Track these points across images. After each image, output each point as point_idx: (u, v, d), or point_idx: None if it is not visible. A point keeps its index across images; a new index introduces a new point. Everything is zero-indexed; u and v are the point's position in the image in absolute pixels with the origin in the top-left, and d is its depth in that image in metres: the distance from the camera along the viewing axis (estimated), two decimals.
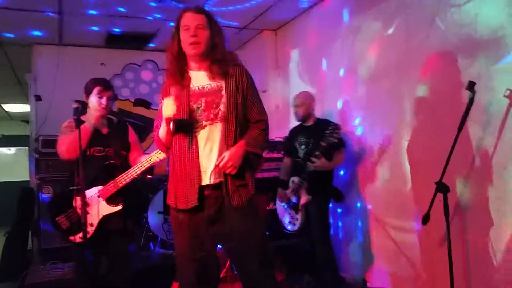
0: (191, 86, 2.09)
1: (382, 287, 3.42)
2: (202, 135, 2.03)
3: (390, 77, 3.36)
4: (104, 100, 2.75)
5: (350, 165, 3.80)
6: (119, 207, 2.68)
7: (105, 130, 2.83)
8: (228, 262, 3.21)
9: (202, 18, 2.06)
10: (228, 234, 2.04)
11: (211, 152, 2.02)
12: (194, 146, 2.02)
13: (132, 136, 2.97)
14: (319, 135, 3.26)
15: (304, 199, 3.35)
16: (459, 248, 2.67)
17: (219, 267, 2.21)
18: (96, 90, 2.74)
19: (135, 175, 2.72)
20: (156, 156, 2.72)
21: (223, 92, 2.07)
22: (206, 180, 2.01)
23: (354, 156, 3.75)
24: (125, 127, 3.00)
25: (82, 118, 2.68)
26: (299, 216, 3.41)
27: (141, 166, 2.73)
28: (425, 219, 2.39)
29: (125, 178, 2.71)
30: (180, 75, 2.09)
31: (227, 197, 2.00)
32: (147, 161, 2.73)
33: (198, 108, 2.05)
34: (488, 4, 2.57)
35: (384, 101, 3.43)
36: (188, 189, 2.00)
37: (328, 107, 4.11)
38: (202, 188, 2.01)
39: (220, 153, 2.01)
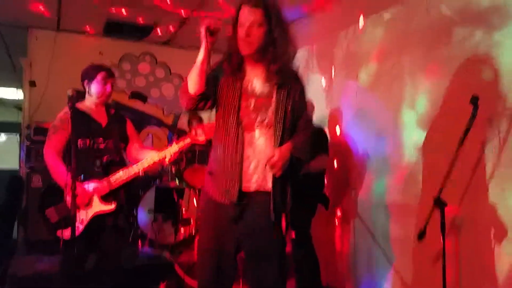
0: (245, 82, 2.01)
1: None
2: (247, 138, 1.98)
3: (390, 85, 3.31)
4: (108, 87, 2.71)
5: (342, 174, 3.76)
6: (112, 206, 2.59)
7: (104, 122, 2.76)
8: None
9: (259, 13, 1.91)
10: (250, 235, 2.01)
11: (253, 157, 1.98)
12: (239, 147, 1.96)
13: (130, 128, 2.91)
14: None
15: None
16: (453, 266, 2.64)
17: (236, 270, 2.15)
18: (100, 76, 2.69)
19: (134, 174, 2.64)
20: (163, 154, 2.66)
21: (274, 98, 1.99)
22: (248, 182, 1.98)
23: (348, 165, 3.71)
24: (123, 118, 2.92)
25: (78, 105, 2.62)
26: None
27: (141, 166, 2.66)
28: (421, 235, 2.34)
29: (122, 176, 2.62)
30: (237, 66, 2.00)
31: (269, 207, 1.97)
32: (149, 160, 2.67)
33: (247, 107, 1.99)
34: None
35: (382, 110, 3.38)
36: (228, 187, 1.96)
37: (323, 114, 4.04)
38: (241, 189, 1.97)
39: (264, 159, 1.94)
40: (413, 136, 3.07)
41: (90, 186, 2.56)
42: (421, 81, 3.03)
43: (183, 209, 3.72)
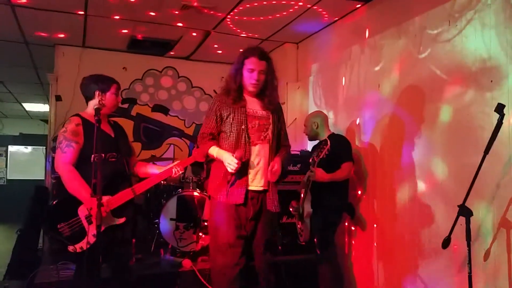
0: (248, 107, 2.70)
1: None
2: (253, 151, 2.66)
3: (412, 96, 3.29)
4: (119, 99, 2.83)
5: (365, 182, 3.74)
6: (123, 220, 2.62)
7: (112, 133, 2.78)
8: None
9: (264, 64, 2.66)
10: (257, 224, 2.72)
11: (258, 165, 2.67)
12: (247, 157, 2.62)
13: (129, 138, 2.98)
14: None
15: (305, 210, 3.33)
16: (480, 274, 2.59)
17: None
18: (114, 88, 2.76)
19: (139, 192, 2.70)
20: (174, 169, 2.77)
21: (270, 121, 2.74)
22: (252, 186, 2.67)
23: (370, 173, 3.69)
24: (123, 129, 2.93)
25: (84, 115, 2.68)
26: (303, 228, 3.38)
27: (151, 182, 2.77)
28: (446, 243, 2.31)
29: (134, 191, 2.65)
30: (238, 97, 2.67)
31: (267, 199, 2.71)
32: (159, 177, 2.81)
33: (253, 127, 2.68)
34: None
35: (405, 120, 3.36)
36: (237, 190, 2.62)
37: (346, 123, 4.06)
38: (248, 191, 2.65)
39: (265, 167, 2.67)
40: (439, 145, 3.04)
41: (104, 199, 2.48)
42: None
43: (204, 217, 3.75)
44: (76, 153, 2.57)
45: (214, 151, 2.65)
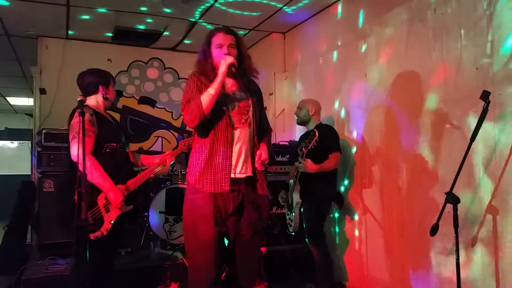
0: (225, 89, 2.39)
1: None
2: (234, 135, 2.38)
3: (399, 84, 3.31)
4: (114, 92, 2.92)
5: (353, 172, 3.76)
6: (131, 207, 2.71)
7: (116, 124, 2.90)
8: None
9: (232, 38, 2.42)
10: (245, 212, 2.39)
11: (240, 150, 2.38)
12: (229, 144, 2.34)
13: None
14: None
15: (294, 201, 3.37)
16: (467, 260, 2.63)
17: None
18: (112, 82, 2.89)
19: (147, 177, 2.86)
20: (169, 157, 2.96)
21: (250, 102, 2.46)
22: (237, 172, 2.36)
23: (358, 163, 3.71)
24: (118, 122, 3.06)
25: (93, 107, 2.72)
26: (293, 218, 3.41)
27: (153, 169, 2.91)
28: (434, 230, 2.33)
29: (140, 179, 2.78)
30: (214, 77, 2.31)
31: (255, 185, 2.42)
32: (160, 163, 2.94)
33: (232, 109, 2.39)
34: None
35: (392, 109, 3.38)
36: (219, 177, 2.32)
37: (333, 113, 4.07)
38: (231, 178, 2.34)
39: (246, 152, 2.40)
40: (427, 131, 3.06)
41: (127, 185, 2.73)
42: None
43: None
44: (93, 143, 2.63)
45: (205, 92, 2.26)
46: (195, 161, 2.40)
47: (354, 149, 3.79)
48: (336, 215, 3.97)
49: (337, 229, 3.98)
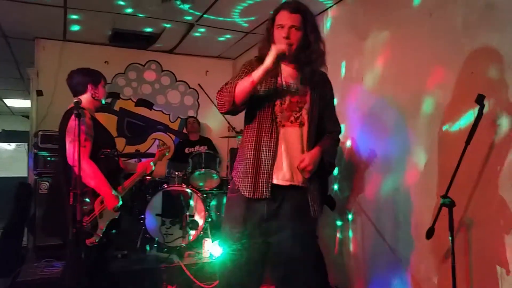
0: (279, 79, 2.07)
1: None
2: (281, 135, 2.04)
3: (394, 87, 3.31)
4: (105, 92, 2.81)
5: (348, 175, 3.76)
6: (118, 213, 2.65)
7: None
8: None
9: (298, 18, 2.03)
10: (281, 229, 2.05)
11: (287, 153, 2.04)
12: (272, 144, 2.02)
13: (113, 133, 3.00)
14: None
15: None
16: (463, 265, 2.63)
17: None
18: (103, 81, 2.78)
19: (134, 183, 2.84)
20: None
21: (308, 98, 2.09)
22: (279, 178, 2.03)
23: (353, 166, 3.71)
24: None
25: (85, 110, 2.64)
26: None
27: (140, 175, 2.92)
28: (429, 233, 2.34)
29: (129, 185, 2.78)
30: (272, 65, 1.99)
31: (305, 201, 2.07)
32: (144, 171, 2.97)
33: (281, 104, 2.05)
34: None
35: (387, 112, 3.38)
36: (260, 181, 2.01)
37: None
38: (273, 185, 2.02)
39: (296, 156, 2.04)
40: (421, 136, 3.06)
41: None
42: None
43: (191, 212, 3.73)
44: (91, 147, 2.55)
45: (246, 78, 1.97)
46: (241, 155, 2.12)
47: (348, 151, 3.79)
48: (331, 218, 3.97)
49: (330, 233, 3.97)
